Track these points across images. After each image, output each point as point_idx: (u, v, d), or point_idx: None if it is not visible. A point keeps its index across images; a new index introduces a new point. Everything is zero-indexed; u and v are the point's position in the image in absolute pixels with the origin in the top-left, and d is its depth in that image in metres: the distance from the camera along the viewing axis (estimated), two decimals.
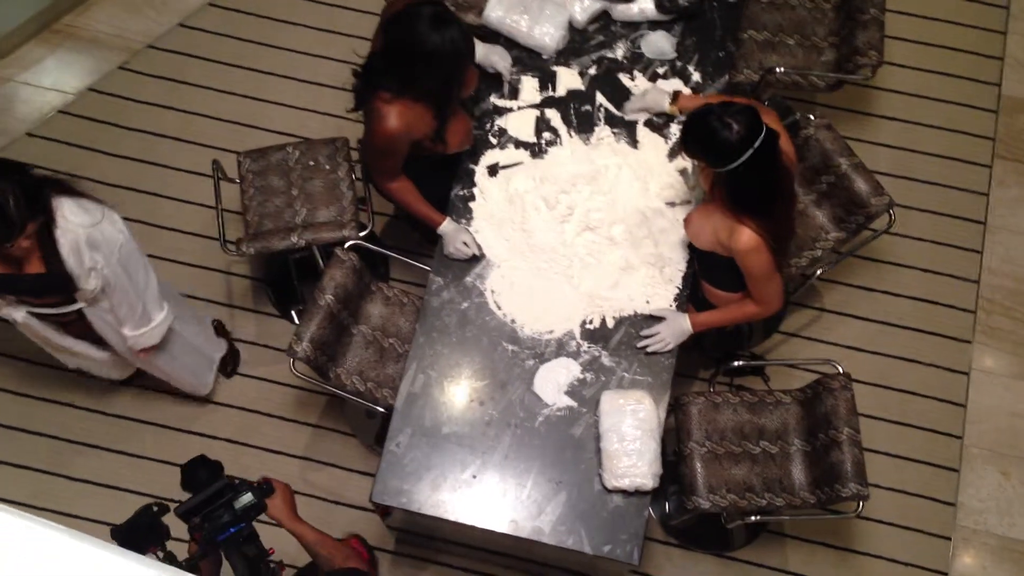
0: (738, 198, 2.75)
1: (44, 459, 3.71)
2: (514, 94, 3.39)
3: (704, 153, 2.75)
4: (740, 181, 2.70)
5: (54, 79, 4.26)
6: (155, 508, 2.39)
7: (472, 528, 2.96)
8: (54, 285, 2.82)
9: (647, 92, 3.30)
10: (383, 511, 3.10)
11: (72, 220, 2.71)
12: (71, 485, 3.68)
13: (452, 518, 2.93)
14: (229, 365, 3.87)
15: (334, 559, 2.51)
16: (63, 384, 3.78)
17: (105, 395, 3.79)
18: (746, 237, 2.76)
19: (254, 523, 2.40)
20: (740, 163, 2.65)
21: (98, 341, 3.14)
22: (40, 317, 2.96)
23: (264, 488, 2.44)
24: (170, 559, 2.35)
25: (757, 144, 2.64)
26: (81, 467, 3.71)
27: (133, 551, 2.32)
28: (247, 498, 2.36)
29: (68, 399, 3.78)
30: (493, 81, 3.39)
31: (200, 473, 2.38)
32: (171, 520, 2.38)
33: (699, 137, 2.72)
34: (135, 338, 3.09)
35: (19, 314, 2.92)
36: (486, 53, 3.31)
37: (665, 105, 3.25)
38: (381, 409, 3.22)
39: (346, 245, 3.27)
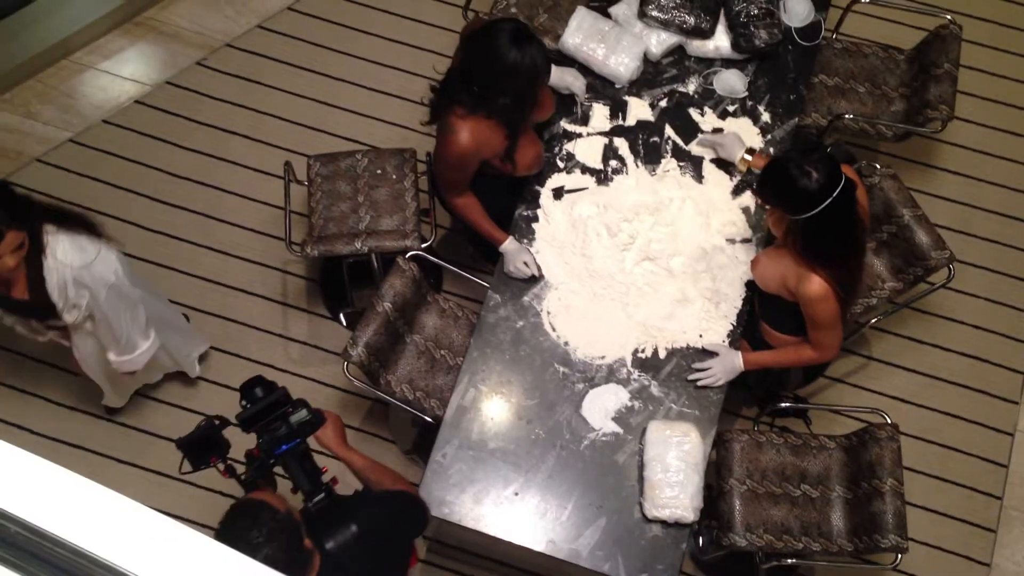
0: (812, 247, 2.77)
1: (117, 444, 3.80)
2: (584, 120, 3.44)
3: (781, 200, 2.77)
4: (816, 230, 2.72)
5: (133, 70, 4.37)
6: (217, 421, 2.46)
7: (509, 544, 2.99)
8: (35, 313, 2.92)
9: (727, 135, 3.34)
10: None
11: (62, 260, 2.77)
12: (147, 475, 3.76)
13: (492, 533, 2.96)
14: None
15: (383, 483, 2.60)
16: None
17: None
18: (816, 285, 2.77)
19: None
20: (817, 212, 2.67)
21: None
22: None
23: (317, 413, 2.52)
24: (231, 471, 2.47)
25: (836, 194, 2.66)
26: (154, 458, 3.79)
27: (198, 461, 2.42)
28: (303, 414, 2.45)
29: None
30: (564, 105, 3.43)
31: (257, 391, 2.46)
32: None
33: (778, 184, 2.74)
34: (118, 363, 3.17)
35: (8, 319, 3.05)
36: (560, 75, 3.37)
37: (735, 157, 3.28)
38: (428, 419, 3.26)
39: (407, 255, 3.33)
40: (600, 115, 3.44)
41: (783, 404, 3.67)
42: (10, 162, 4.14)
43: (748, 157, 3.27)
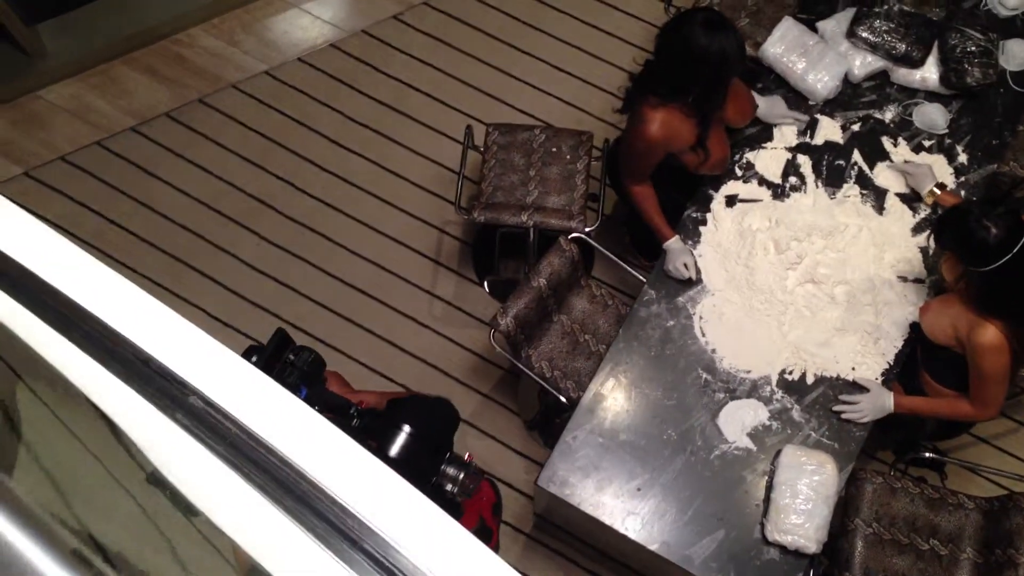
0: (989, 300, 2.68)
1: None
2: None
3: (958, 250, 2.69)
4: (994, 284, 2.62)
5: (333, 14, 4.53)
6: None
7: (621, 537, 3.00)
8: None
9: (920, 165, 3.23)
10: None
11: None
12: None
13: (608, 522, 2.98)
14: None
15: (414, 396, 2.67)
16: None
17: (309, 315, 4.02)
18: (991, 335, 2.68)
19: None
20: (996, 267, 2.57)
21: None
22: None
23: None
24: None
25: (1017, 249, 2.56)
26: None
27: None
28: (307, 354, 2.49)
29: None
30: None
31: (252, 359, 2.48)
32: None
33: (955, 235, 2.67)
34: None
35: None
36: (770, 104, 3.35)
37: (924, 189, 3.18)
38: (563, 399, 3.30)
39: (570, 236, 3.36)
40: (788, 129, 3.37)
41: (926, 454, 3.54)
42: (208, 83, 4.37)
43: (937, 191, 3.17)
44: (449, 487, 2.49)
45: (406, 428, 2.43)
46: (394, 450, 2.41)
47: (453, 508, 2.82)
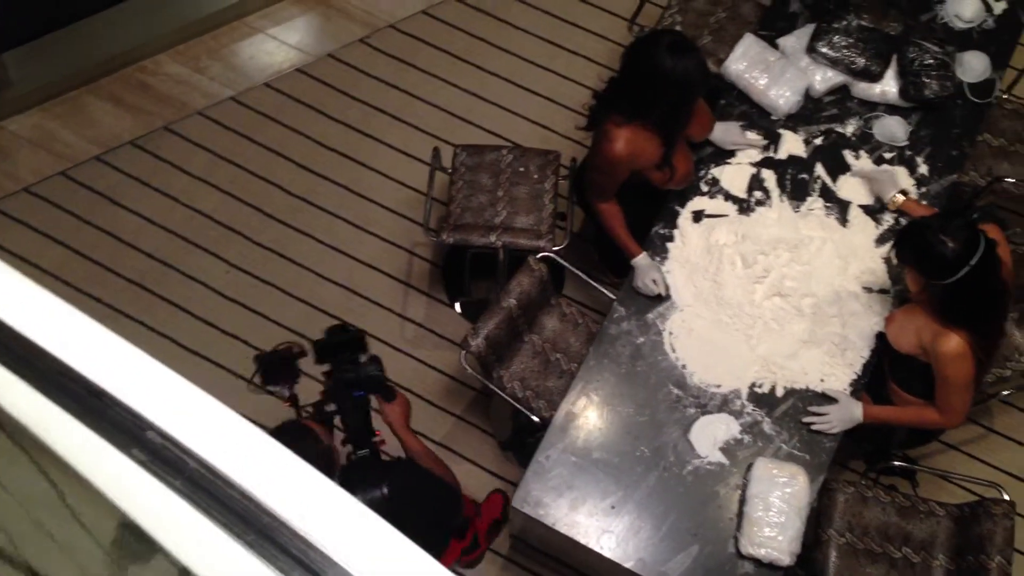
0: (949, 310, 2.72)
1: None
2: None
3: (918, 265, 2.73)
4: (955, 295, 2.67)
5: (299, 39, 4.53)
6: (296, 350, 2.56)
7: (596, 555, 3.00)
8: None
9: (884, 171, 3.29)
10: None
11: None
12: None
13: (583, 541, 2.98)
14: None
15: (432, 471, 2.66)
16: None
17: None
18: (953, 343, 2.71)
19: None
20: (956, 280, 2.61)
21: None
22: None
23: (390, 386, 2.58)
24: (295, 400, 2.56)
25: (974, 261, 2.60)
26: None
27: (271, 378, 2.49)
28: (374, 367, 2.52)
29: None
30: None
31: (335, 337, 2.55)
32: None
33: (914, 249, 2.71)
34: None
35: None
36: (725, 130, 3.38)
37: (887, 195, 3.22)
38: (535, 418, 3.30)
39: (539, 256, 3.37)
40: None
41: (896, 463, 3.57)
42: (174, 111, 4.36)
43: (901, 197, 3.21)
44: None
45: (383, 489, 2.40)
46: (357, 496, 2.39)
47: None
